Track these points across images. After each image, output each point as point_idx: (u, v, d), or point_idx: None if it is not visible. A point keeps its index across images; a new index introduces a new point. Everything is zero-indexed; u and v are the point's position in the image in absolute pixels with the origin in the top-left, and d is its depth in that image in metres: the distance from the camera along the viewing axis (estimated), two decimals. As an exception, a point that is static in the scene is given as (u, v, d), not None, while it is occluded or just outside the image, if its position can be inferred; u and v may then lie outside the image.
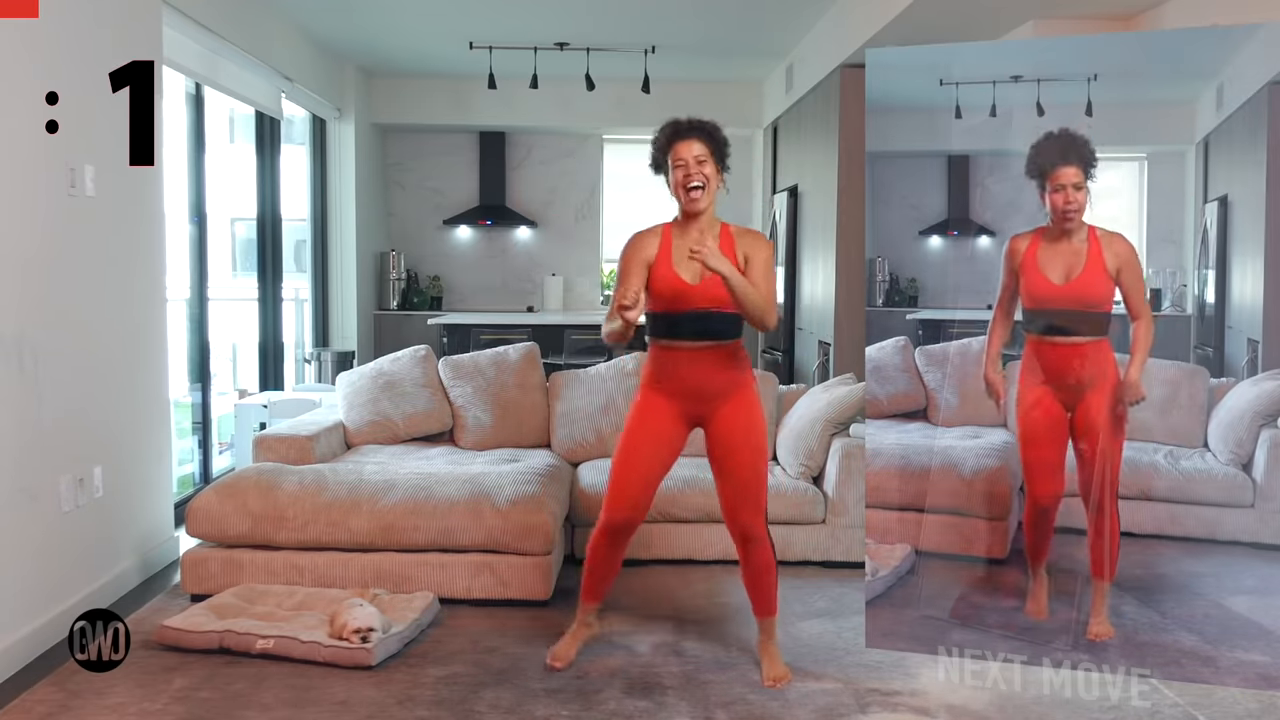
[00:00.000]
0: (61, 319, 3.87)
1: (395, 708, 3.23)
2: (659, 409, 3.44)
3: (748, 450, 3.44)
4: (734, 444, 3.43)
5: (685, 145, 3.32)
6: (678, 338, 3.40)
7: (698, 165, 3.32)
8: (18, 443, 3.58)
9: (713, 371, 3.41)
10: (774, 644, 3.55)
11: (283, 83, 7.07)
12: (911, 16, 5.32)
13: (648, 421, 3.45)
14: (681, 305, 3.36)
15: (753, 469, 3.44)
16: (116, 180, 4.21)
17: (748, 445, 3.44)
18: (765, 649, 3.54)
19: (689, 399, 3.43)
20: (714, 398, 3.42)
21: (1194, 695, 3.37)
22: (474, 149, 10.02)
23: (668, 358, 3.43)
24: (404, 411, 5.32)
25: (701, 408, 3.43)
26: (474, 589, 4.13)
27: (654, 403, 3.45)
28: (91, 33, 4.07)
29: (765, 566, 3.49)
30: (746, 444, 3.44)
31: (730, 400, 3.43)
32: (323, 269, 8.74)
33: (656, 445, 3.45)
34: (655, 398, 3.45)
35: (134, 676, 3.42)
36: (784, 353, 8.14)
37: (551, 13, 7.08)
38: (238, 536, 4.15)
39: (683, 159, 3.32)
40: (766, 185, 9.29)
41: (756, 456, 3.46)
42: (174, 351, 5.30)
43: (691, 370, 3.40)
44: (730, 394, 3.43)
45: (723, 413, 3.42)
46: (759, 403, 3.52)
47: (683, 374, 3.41)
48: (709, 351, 3.40)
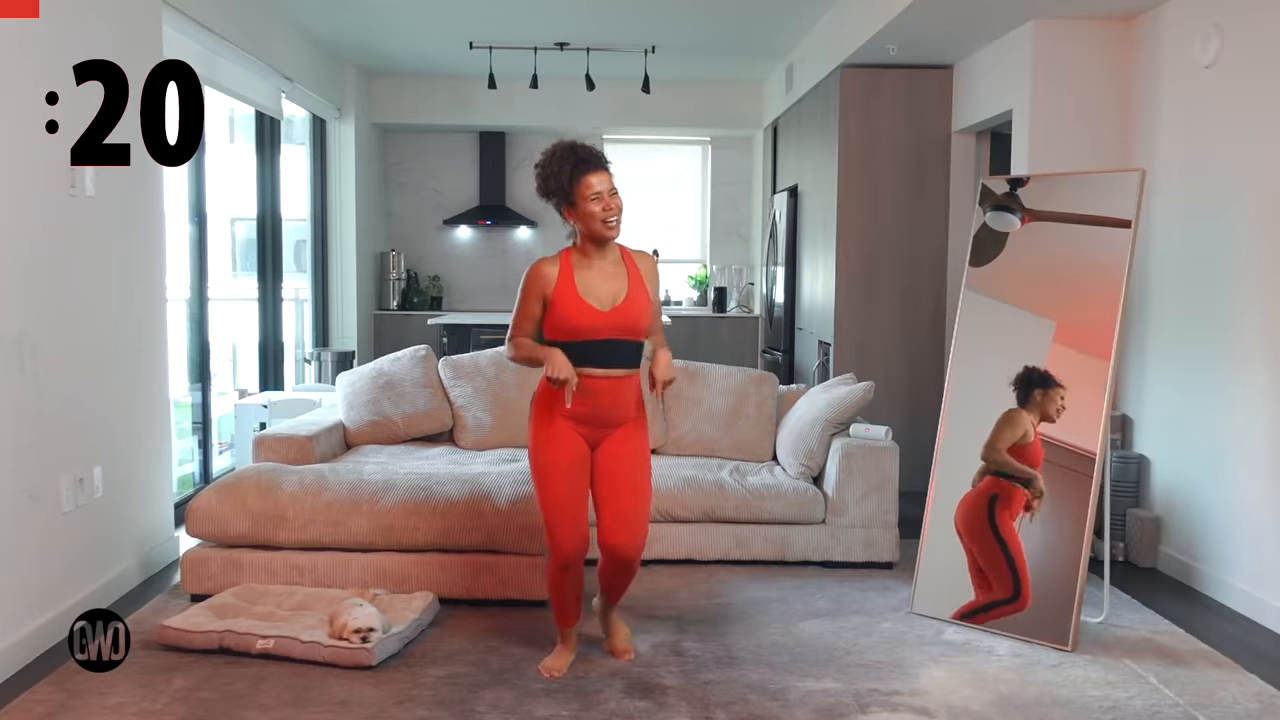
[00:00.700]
0: (61, 319, 3.87)
1: (395, 708, 3.23)
2: (567, 435, 3.43)
3: (638, 473, 3.47)
4: (624, 466, 3.45)
5: (598, 178, 3.33)
6: (586, 365, 3.38)
7: (611, 198, 3.35)
8: (18, 443, 3.58)
9: (618, 399, 3.43)
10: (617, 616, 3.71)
11: (283, 83, 7.07)
12: (911, 16, 5.32)
13: (563, 449, 3.43)
14: (591, 335, 3.36)
15: (640, 493, 3.47)
16: (116, 180, 4.21)
17: (638, 469, 3.47)
18: (612, 622, 3.69)
19: (592, 425, 3.44)
20: (612, 425, 3.45)
21: (1194, 695, 3.38)
22: (474, 149, 10.02)
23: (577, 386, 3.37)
24: (404, 411, 5.32)
25: (596, 433, 3.46)
26: (474, 589, 4.13)
27: (560, 429, 3.43)
28: (91, 33, 4.07)
29: (631, 577, 3.59)
30: (636, 467, 3.47)
31: (623, 426, 3.47)
32: (323, 269, 8.74)
33: (578, 475, 3.45)
34: (559, 424, 3.43)
35: (134, 676, 3.42)
36: (784, 353, 8.14)
37: (551, 13, 7.07)
38: (238, 536, 4.15)
39: (598, 192, 3.33)
40: (766, 185, 9.29)
41: (644, 482, 3.49)
42: (174, 351, 5.30)
43: (599, 399, 3.40)
44: (624, 421, 3.47)
45: (614, 436, 3.46)
46: (647, 430, 3.57)
47: (590, 402, 3.40)
48: (617, 381, 3.41)
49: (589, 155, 3.36)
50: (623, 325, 3.37)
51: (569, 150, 3.36)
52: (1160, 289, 4.91)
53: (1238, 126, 4.38)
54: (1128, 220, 3.99)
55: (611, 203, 3.34)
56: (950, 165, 6.55)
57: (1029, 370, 4.07)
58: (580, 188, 3.32)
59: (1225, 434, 4.42)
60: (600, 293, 3.38)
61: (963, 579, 4.04)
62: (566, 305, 3.36)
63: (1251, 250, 4.26)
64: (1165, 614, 4.19)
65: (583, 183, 3.32)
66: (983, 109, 6.05)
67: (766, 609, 4.16)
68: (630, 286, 3.41)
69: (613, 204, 3.34)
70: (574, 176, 3.32)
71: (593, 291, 3.37)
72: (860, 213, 6.56)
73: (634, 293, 3.41)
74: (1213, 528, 4.50)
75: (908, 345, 6.62)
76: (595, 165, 3.35)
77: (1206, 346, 4.55)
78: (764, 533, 4.71)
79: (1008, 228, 4.30)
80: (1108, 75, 5.29)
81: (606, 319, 3.35)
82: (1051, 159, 5.29)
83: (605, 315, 3.35)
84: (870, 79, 6.51)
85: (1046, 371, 4.03)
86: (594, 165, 3.34)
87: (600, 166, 3.36)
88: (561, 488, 3.42)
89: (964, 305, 4.36)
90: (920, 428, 6.26)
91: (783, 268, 8.09)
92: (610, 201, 3.34)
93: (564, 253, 3.46)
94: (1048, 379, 4.02)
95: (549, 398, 3.44)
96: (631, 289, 3.41)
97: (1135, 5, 5.02)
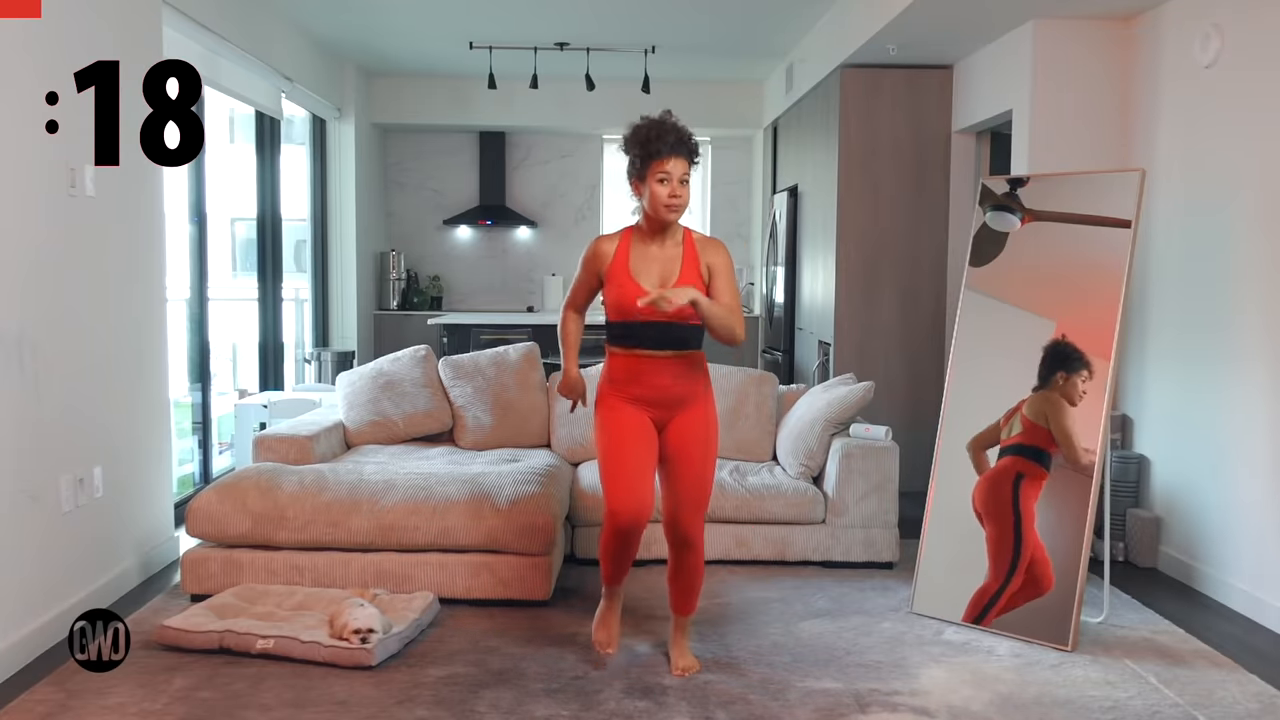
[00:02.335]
0: (61, 319, 3.87)
1: (395, 708, 3.23)
2: (629, 409, 3.45)
3: (698, 456, 3.46)
4: (687, 448, 3.45)
5: (676, 163, 3.34)
6: (639, 346, 3.41)
7: (681, 185, 3.35)
8: (18, 443, 3.57)
9: (673, 381, 3.43)
10: (685, 638, 3.61)
11: (283, 83, 7.07)
12: (911, 16, 5.31)
13: (625, 418, 3.44)
14: (640, 314, 3.36)
15: (700, 475, 3.46)
16: (116, 180, 4.21)
17: (699, 451, 3.46)
18: (677, 642, 3.60)
19: (651, 406, 3.44)
20: (674, 405, 3.45)
21: (1194, 695, 3.38)
22: (474, 149, 10.01)
23: (630, 365, 3.43)
24: (404, 411, 5.32)
25: (662, 414, 3.46)
26: (474, 589, 4.13)
27: (620, 408, 3.45)
28: (92, 33, 4.07)
29: (695, 570, 3.54)
30: (698, 449, 3.46)
31: (689, 408, 3.46)
32: (323, 269, 8.74)
33: (636, 439, 3.43)
34: (620, 404, 3.45)
35: (134, 676, 3.42)
36: (784, 353, 8.14)
37: (551, 13, 7.07)
38: (238, 536, 4.15)
39: (668, 174, 3.34)
40: (766, 185, 9.29)
41: (705, 464, 3.48)
42: (174, 351, 5.30)
43: (653, 379, 3.41)
44: (689, 403, 3.46)
45: (680, 418, 3.45)
46: (715, 413, 3.55)
47: (645, 382, 3.42)
48: (671, 361, 3.42)
49: (679, 141, 3.36)
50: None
51: (668, 130, 3.36)
52: (1160, 289, 4.91)
53: (1238, 126, 4.37)
54: (1128, 220, 3.99)
55: (678, 190, 3.34)
56: (950, 165, 6.55)
57: (1060, 343, 4.02)
58: (654, 164, 3.34)
59: (1225, 434, 4.42)
60: (651, 274, 3.38)
61: (963, 579, 4.04)
62: (616, 284, 3.40)
63: (1252, 250, 4.26)
64: (1165, 614, 4.19)
65: (659, 162, 3.33)
66: (983, 109, 6.04)
67: (766, 609, 4.16)
68: (683, 269, 3.40)
69: (679, 191, 3.35)
70: (655, 152, 3.34)
71: (644, 272, 3.38)
72: (860, 213, 6.56)
73: (685, 276, 3.39)
74: (1213, 528, 4.50)
75: (908, 345, 6.62)
76: (679, 152, 3.35)
77: (1206, 346, 4.55)
78: (764, 533, 4.71)
79: (1008, 228, 4.29)
80: (1108, 75, 5.29)
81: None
82: (1051, 159, 5.29)
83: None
84: (870, 79, 6.51)
85: (1078, 349, 3.97)
86: (678, 151, 3.34)
87: (683, 155, 3.36)
88: (618, 449, 3.42)
89: (964, 305, 4.36)
90: (920, 428, 6.26)
91: (783, 268, 8.09)
92: (677, 188, 3.34)
93: (625, 231, 3.49)
94: (1077, 359, 3.96)
95: (610, 377, 3.48)
96: (684, 272, 3.40)
97: (1135, 5, 5.02)
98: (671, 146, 3.34)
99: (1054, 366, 4.02)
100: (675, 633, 3.61)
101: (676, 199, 3.34)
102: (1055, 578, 3.85)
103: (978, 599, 3.99)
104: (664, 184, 3.33)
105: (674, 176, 3.33)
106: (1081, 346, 3.98)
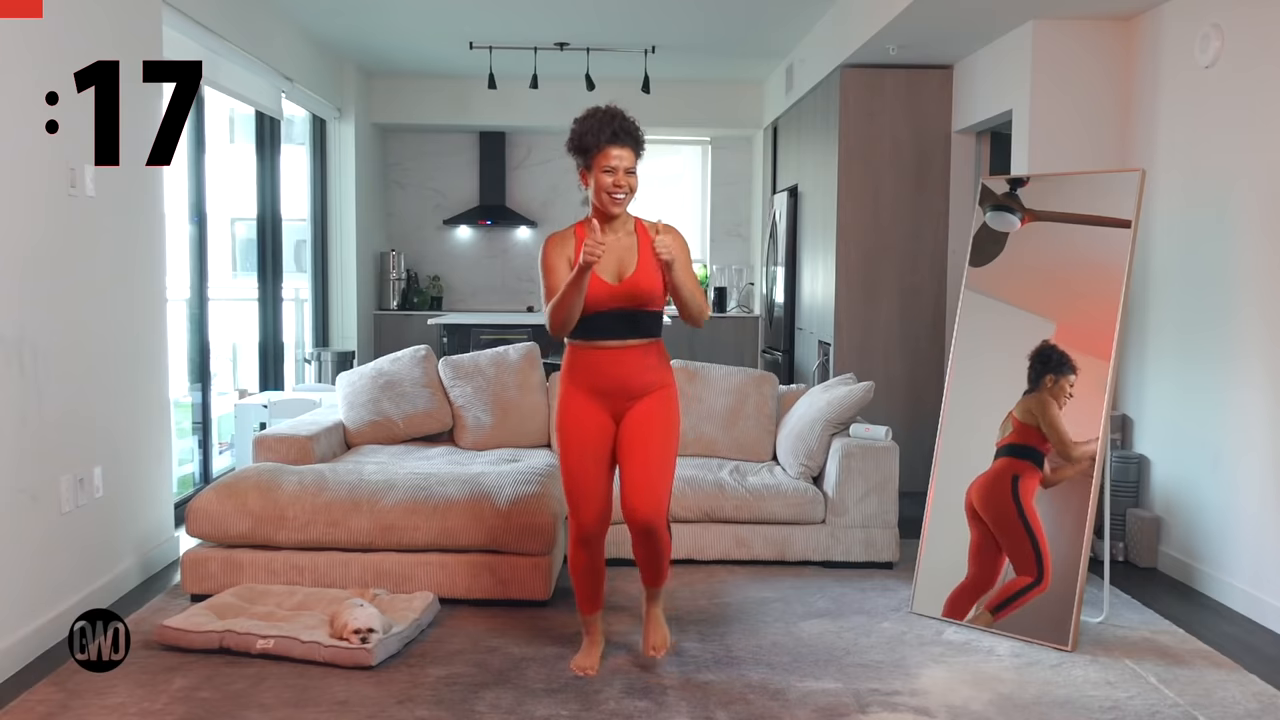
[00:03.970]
0: (61, 319, 3.87)
1: (395, 708, 3.23)
2: (587, 407, 3.44)
3: (657, 441, 3.43)
4: (644, 434, 3.42)
5: (621, 152, 3.35)
6: (600, 338, 3.40)
7: (626, 176, 3.36)
8: (18, 443, 3.57)
9: (634, 371, 3.42)
10: (658, 609, 3.61)
11: (283, 83, 7.07)
12: (911, 16, 5.32)
13: (583, 423, 3.44)
14: (600, 307, 3.36)
15: (658, 459, 3.42)
16: (116, 180, 4.21)
17: (658, 437, 3.43)
18: (649, 614, 3.60)
19: (611, 397, 3.44)
20: (635, 396, 3.44)
21: (1194, 695, 3.38)
22: (474, 149, 10.01)
23: (591, 358, 3.43)
24: (404, 411, 5.32)
25: (622, 404, 3.45)
26: (474, 589, 4.13)
27: (580, 403, 3.45)
28: (92, 33, 4.07)
29: (660, 552, 3.51)
30: (656, 435, 3.43)
31: (649, 395, 3.45)
32: (323, 269, 8.73)
33: (598, 445, 3.45)
34: (580, 397, 3.45)
35: (134, 676, 3.42)
36: (784, 353, 8.14)
37: (552, 13, 7.07)
38: (238, 536, 4.15)
39: (613, 166, 3.35)
40: (766, 185, 9.29)
41: (665, 450, 3.45)
42: (174, 351, 5.29)
43: (613, 369, 3.41)
44: (650, 391, 3.46)
45: (640, 405, 3.44)
46: (676, 403, 3.53)
47: (605, 373, 3.41)
48: (632, 351, 3.42)
49: (623, 129, 3.37)
50: (632, 297, 3.37)
51: (609, 117, 3.37)
52: (1160, 289, 4.91)
53: (1237, 126, 4.37)
54: (1127, 220, 3.99)
55: (623, 179, 3.35)
56: (950, 165, 6.55)
57: (1046, 347, 4.05)
58: (601, 155, 3.34)
59: (1225, 434, 4.42)
60: (608, 264, 3.38)
61: (962, 579, 4.04)
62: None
63: (1251, 250, 4.26)
64: (1165, 614, 4.19)
65: (606, 151, 3.34)
66: (983, 109, 6.05)
67: (766, 609, 4.16)
68: (640, 259, 3.41)
69: (624, 181, 3.35)
70: (600, 142, 3.34)
71: (601, 265, 3.37)
72: (860, 213, 6.56)
73: (643, 265, 3.40)
74: (1212, 528, 4.50)
75: (908, 345, 6.62)
76: (624, 140, 3.36)
77: (1206, 346, 4.55)
78: (764, 533, 4.71)
79: (1008, 228, 4.30)
80: (1108, 75, 5.29)
81: (614, 291, 3.36)
82: (1051, 159, 5.29)
83: (613, 288, 3.36)
84: (870, 79, 6.51)
85: (1064, 353, 4.00)
86: (622, 140, 3.35)
87: (628, 144, 3.37)
88: (579, 457, 3.43)
89: (964, 305, 4.36)
90: (920, 428, 6.26)
91: (783, 268, 8.09)
92: (622, 178, 3.35)
93: (577, 225, 3.48)
94: (1063, 363, 3.99)
95: (571, 371, 3.46)
96: (641, 261, 3.40)
97: (1135, 5, 5.02)
98: (615, 136, 3.35)
99: (1042, 371, 4.04)
100: (648, 604, 3.62)
101: (620, 188, 3.35)
102: (1055, 577, 3.85)
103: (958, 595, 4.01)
104: (609, 174, 3.35)
105: (620, 166, 3.34)
106: (1078, 347, 3.98)
